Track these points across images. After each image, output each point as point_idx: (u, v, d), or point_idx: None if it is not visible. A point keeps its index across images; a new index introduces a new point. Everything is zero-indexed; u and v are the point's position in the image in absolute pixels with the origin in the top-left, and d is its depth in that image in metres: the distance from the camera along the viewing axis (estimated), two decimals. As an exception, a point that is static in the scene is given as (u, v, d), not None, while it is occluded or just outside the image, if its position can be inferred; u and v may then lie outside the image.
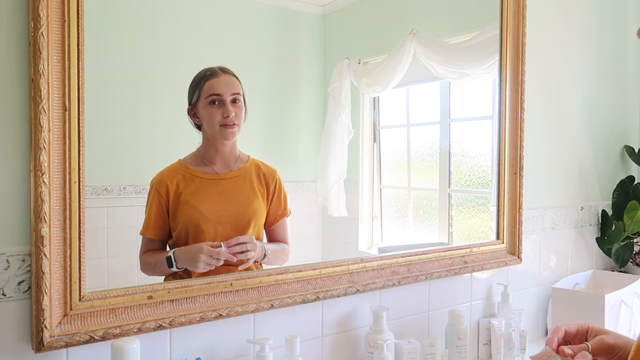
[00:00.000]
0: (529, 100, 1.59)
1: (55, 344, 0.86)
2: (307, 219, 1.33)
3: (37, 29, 0.82)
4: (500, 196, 1.54)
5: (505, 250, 1.56)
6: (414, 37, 1.44)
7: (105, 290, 0.93)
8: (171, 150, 1.11)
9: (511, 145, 1.55)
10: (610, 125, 1.95)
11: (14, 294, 0.86)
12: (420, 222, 1.57)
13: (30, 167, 0.84)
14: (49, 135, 0.84)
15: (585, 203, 1.86)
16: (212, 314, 1.01)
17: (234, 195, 1.14)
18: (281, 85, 1.28)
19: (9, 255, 0.85)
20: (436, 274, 1.38)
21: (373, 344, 1.19)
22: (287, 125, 1.30)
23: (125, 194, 1.04)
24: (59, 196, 0.86)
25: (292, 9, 1.28)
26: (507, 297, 1.50)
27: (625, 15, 1.99)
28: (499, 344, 1.43)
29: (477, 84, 1.62)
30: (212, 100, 1.08)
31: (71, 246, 0.88)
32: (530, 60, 1.57)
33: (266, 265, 1.15)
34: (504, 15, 1.51)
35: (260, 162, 1.17)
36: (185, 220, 1.07)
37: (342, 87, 1.36)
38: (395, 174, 1.56)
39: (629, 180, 1.92)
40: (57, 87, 0.85)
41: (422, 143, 1.57)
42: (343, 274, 1.22)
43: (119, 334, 0.91)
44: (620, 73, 1.98)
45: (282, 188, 1.18)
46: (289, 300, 1.12)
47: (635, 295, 1.60)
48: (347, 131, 1.39)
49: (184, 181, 1.08)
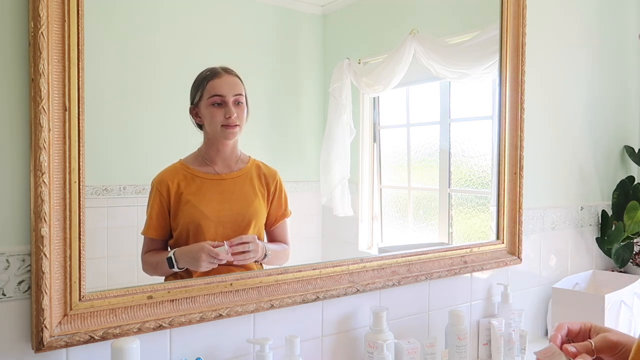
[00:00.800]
0: (529, 100, 1.59)
1: (55, 344, 0.86)
2: (307, 219, 1.33)
3: (37, 29, 0.83)
4: (500, 196, 1.54)
5: (505, 250, 1.56)
6: (414, 37, 1.44)
7: (105, 290, 0.93)
8: (172, 150, 1.11)
9: (511, 145, 1.55)
10: (610, 126, 1.95)
11: (14, 293, 0.86)
12: (420, 222, 1.57)
13: (30, 167, 0.84)
14: (49, 135, 0.84)
15: (585, 203, 1.86)
16: (212, 314, 1.01)
17: (235, 195, 1.14)
18: (281, 86, 1.28)
19: (9, 255, 0.85)
20: (436, 274, 1.38)
21: (373, 344, 1.19)
22: (288, 125, 1.30)
23: (125, 194, 1.04)
24: (59, 196, 0.86)
25: (292, 9, 1.28)
26: (507, 297, 1.50)
27: (626, 16, 1.99)
28: (499, 344, 1.43)
29: (477, 84, 1.62)
30: (214, 101, 1.08)
31: (71, 246, 0.88)
32: (530, 60, 1.58)
33: (266, 265, 1.15)
34: (504, 15, 1.51)
35: (261, 162, 1.17)
36: (186, 220, 1.07)
37: (342, 88, 1.36)
38: (395, 174, 1.56)
39: (629, 180, 1.92)
40: (57, 87, 0.85)
41: (422, 143, 1.57)
42: (343, 274, 1.22)
43: (119, 334, 0.91)
44: (621, 73, 1.98)
45: (282, 189, 1.19)
46: (289, 300, 1.12)
47: (635, 295, 1.60)
48: (349, 131, 1.39)
49: (185, 181, 1.08)
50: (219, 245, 1.06)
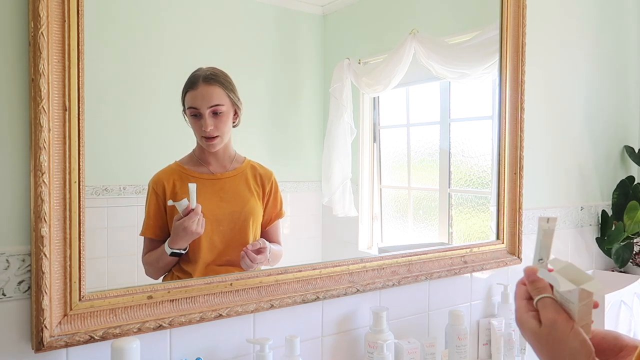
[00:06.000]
0: (529, 100, 1.59)
1: (55, 344, 0.86)
2: (308, 219, 1.33)
3: (37, 29, 0.83)
4: (500, 196, 1.54)
5: (505, 250, 1.56)
6: (414, 37, 1.44)
7: (105, 290, 0.93)
8: (172, 150, 1.11)
9: (511, 145, 1.55)
10: (610, 125, 1.95)
11: (14, 293, 0.86)
12: (420, 222, 1.57)
13: (30, 167, 0.84)
14: (49, 135, 0.84)
15: (585, 203, 1.86)
16: (212, 314, 1.01)
17: (231, 194, 1.14)
18: (281, 86, 1.28)
19: (9, 255, 0.85)
20: (436, 274, 1.38)
21: (373, 344, 1.19)
22: (288, 125, 1.30)
23: (125, 194, 1.04)
24: (59, 196, 0.86)
25: (292, 9, 1.28)
26: (507, 297, 1.50)
27: (626, 15, 1.99)
28: (498, 344, 1.43)
29: (477, 84, 1.62)
30: (192, 113, 1.08)
31: (71, 246, 0.88)
32: (530, 60, 1.58)
33: (264, 266, 1.15)
34: (504, 15, 1.51)
35: (256, 163, 1.18)
36: None
37: (343, 88, 1.36)
38: (395, 174, 1.56)
39: (629, 180, 1.92)
40: (57, 87, 0.85)
41: (422, 143, 1.57)
42: (343, 274, 1.22)
43: (119, 334, 0.91)
44: (621, 73, 1.98)
45: (277, 189, 1.19)
46: (289, 300, 1.12)
47: (635, 295, 1.60)
48: (349, 131, 1.39)
49: (181, 181, 1.08)
50: (187, 211, 1.05)
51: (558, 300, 0.66)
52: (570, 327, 0.63)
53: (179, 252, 1.07)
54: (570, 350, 0.62)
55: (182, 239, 1.06)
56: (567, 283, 0.64)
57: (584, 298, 0.64)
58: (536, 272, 0.69)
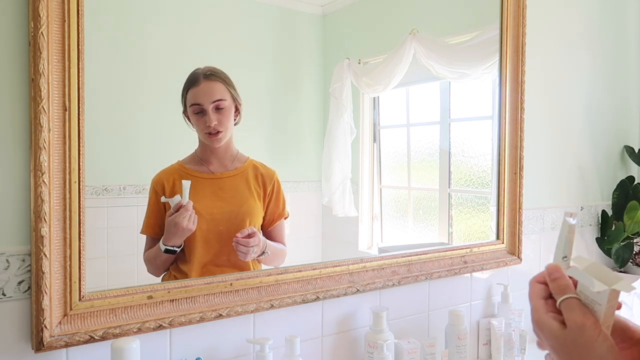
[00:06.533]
0: (529, 100, 1.59)
1: (55, 344, 0.86)
2: (308, 219, 1.33)
3: (37, 29, 0.83)
4: (500, 196, 1.54)
5: (505, 250, 1.56)
6: (414, 37, 1.44)
7: (105, 290, 0.93)
8: (172, 150, 1.11)
9: (511, 145, 1.55)
10: (610, 125, 1.95)
11: (14, 293, 0.86)
12: (420, 222, 1.57)
13: (30, 167, 0.84)
14: (49, 135, 0.84)
15: (585, 203, 1.86)
16: (212, 314, 1.01)
17: (229, 193, 1.15)
18: (281, 85, 1.28)
19: (9, 255, 0.85)
20: (436, 274, 1.38)
21: (373, 344, 1.19)
22: (288, 125, 1.30)
23: (125, 194, 1.04)
24: (59, 196, 0.86)
25: (292, 8, 1.28)
26: (507, 297, 1.50)
27: (626, 15, 1.99)
28: (498, 344, 1.43)
29: (477, 84, 1.62)
30: (195, 110, 1.09)
31: (71, 246, 0.88)
32: (530, 60, 1.58)
33: (264, 265, 1.15)
34: (504, 15, 1.52)
35: (259, 163, 1.18)
36: None
37: (343, 88, 1.36)
38: (395, 174, 1.56)
39: (629, 180, 1.92)
40: (57, 87, 0.85)
41: (422, 143, 1.57)
42: (343, 274, 1.22)
43: (119, 333, 0.91)
44: (621, 73, 1.98)
45: (280, 189, 1.19)
46: (289, 300, 1.12)
47: (635, 295, 1.60)
48: (349, 131, 1.39)
49: (180, 180, 1.09)
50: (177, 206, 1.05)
51: (583, 301, 0.62)
52: (599, 332, 0.60)
53: (172, 249, 1.06)
54: (597, 355, 0.59)
55: (174, 235, 1.06)
56: (600, 283, 0.60)
57: (612, 299, 0.60)
58: (560, 270, 0.66)
